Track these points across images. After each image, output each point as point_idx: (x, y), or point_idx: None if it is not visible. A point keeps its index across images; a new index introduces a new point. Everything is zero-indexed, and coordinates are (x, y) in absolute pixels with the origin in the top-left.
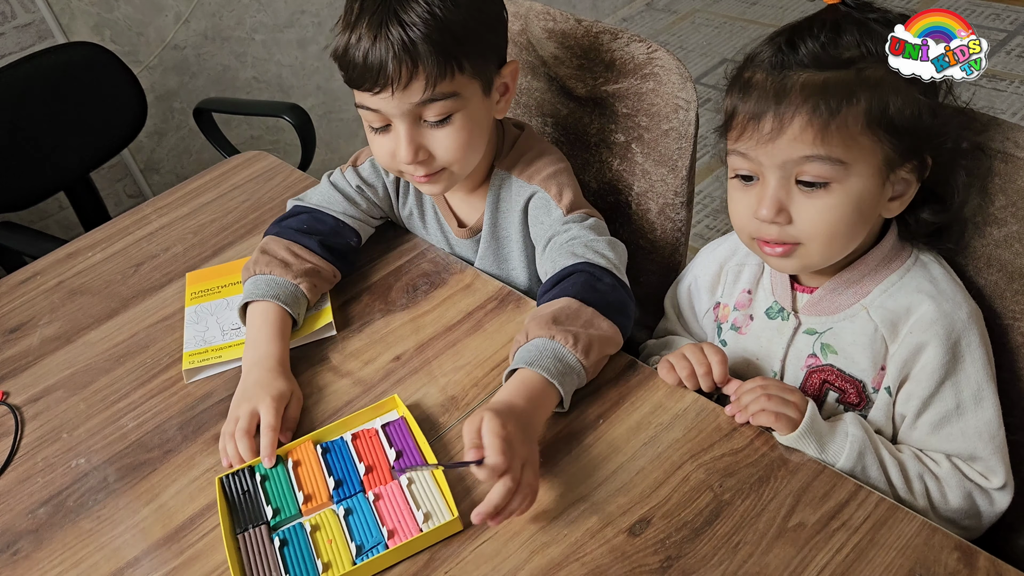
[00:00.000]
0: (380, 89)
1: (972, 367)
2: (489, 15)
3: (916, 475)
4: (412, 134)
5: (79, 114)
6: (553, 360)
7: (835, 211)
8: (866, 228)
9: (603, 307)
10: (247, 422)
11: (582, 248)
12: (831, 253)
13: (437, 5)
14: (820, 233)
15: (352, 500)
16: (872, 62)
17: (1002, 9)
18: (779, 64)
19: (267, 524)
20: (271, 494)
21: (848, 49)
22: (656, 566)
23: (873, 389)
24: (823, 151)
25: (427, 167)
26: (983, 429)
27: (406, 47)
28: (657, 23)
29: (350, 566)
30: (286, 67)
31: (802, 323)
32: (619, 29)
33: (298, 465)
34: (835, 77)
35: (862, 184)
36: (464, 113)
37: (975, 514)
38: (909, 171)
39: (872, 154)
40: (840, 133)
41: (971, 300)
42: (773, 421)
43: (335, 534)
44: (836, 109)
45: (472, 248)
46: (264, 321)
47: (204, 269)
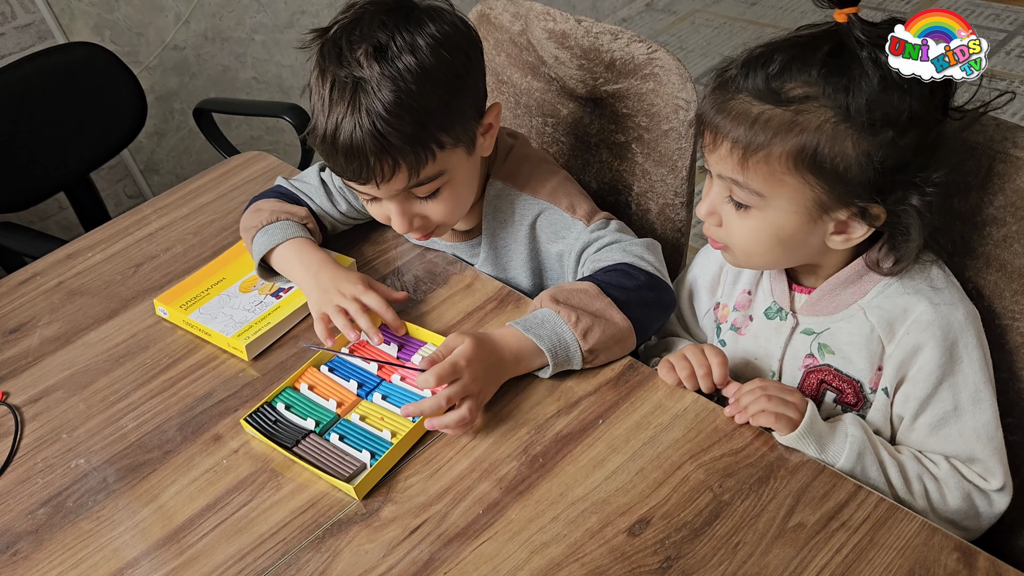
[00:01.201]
0: (365, 183)
1: (970, 368)
2: (460, 72)
3: (915, 476)
4: (403, 209)
5: (79, 114)
6: (550, 331)
7: (753, 233)
8: (799, 252)
9: (623, 301)
10: (357, 305)
11: (619, 252)
12: (756, 265)
13: (404, 90)
14: (739, 247)
15: (381, 387)
16: (817, 106)
17: (1002, 9)
18: (730, 82)
19: (314, 433)
20: (302, 415)
21: (799, 87)
22: (656, 566)
23: (871, 389)
24: (742, 178)
25: (424, 230)
26: (981, 431)
27: (382, 144)
28: (657, 23)
29: (412, 424)
30: (286, 67)
31: (800, 323)
32: (619, 29)
33: (313, 387)
34: (767, 113)
35: (783, 218)
36: (452, 182)
37: (974, 515)
38: (849, 216)
39: (798, 193)
40: (760, 167)
41: (968, 302)
42: (773, 421)
43: (383, 413)
44: (759, 144)
45: (462, 251)
46: (298, 248)
47: (171, 290)
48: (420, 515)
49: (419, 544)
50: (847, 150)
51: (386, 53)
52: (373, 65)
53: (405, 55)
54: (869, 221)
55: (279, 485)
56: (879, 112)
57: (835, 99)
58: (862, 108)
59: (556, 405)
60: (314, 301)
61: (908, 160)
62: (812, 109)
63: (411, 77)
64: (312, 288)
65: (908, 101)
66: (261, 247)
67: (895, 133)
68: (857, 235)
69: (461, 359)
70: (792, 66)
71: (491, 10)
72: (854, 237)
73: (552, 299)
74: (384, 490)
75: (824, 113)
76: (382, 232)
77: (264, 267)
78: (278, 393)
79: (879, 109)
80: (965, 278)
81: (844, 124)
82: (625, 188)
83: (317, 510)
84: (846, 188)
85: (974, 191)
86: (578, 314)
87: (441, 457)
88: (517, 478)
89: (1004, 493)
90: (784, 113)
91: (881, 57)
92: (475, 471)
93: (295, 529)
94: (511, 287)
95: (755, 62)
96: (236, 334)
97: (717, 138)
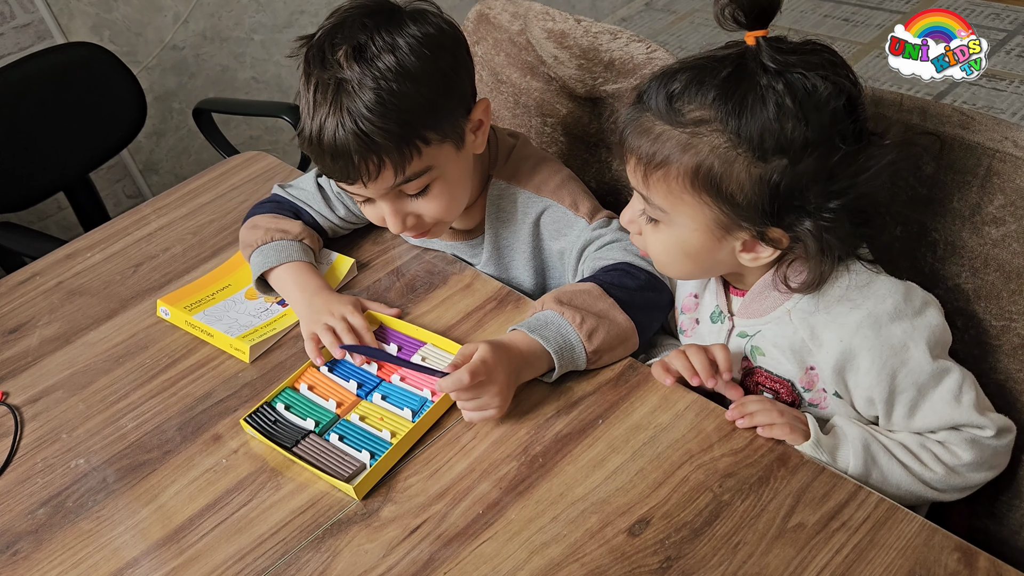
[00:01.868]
0: (353, 182)
1: (918, 350)
2: (444, 70)
3: (919, 446)
4: (396, 208)
5: (78, 114)
6: (555, 333)
7: (662, 245)
8: (712, 266)
9: (625, 302)
10: (343, 324)
11: (620, 251)
12: (674, 275)
13: (385, 89)
14: (654, 257)
15: (380, 388)
16: (711, 129)
17: (1002, 9)
18: (641, 98)
19: (314, 433)
20: (302, 415)
21: (696, 109)
22: (656, 566)
23: (804, 388)
24: (646, 193)
25: (418, 228)
26: (948, 398)
27: (366, 143)
28: (656, 23)
29: (412, 424)
30: (285, 67)
31: (736, 326)
32: (618, 29)
33: (312, 388)
34: (667, 133)
35: (687, 235)
36: (442, 178)
37: (991, 454)
38: (751, 236)
39: (697, 212)
40: (660, 185)
41: (895, 284)
42: (788, 434)
43: (383, 413)
44: (658, 163)
45: (463, 251)
46: (295, 273)
47: (175, 292)
48: (420, 515)
49: (419, 544)
50: (740, 174)
51: (365, 53)
52: (353, 66)
53: (385, 55)
54: (771, 243)
55: (279, 485)
56: (771, 140)
57: (727, 124)
58: (754, 135)
59: (556, 405)
60: (305, 321)
61: (803, 186)
62: (706, 132)
63: (392, 76)
64: (304, 309)
65: (802, 129)
66: (257, 267)
67: (788, 160)
68: (765, 255)
69: (488, 356)
70: (692, 87)
71: (490, 10)
72: (762, 257)
73: (556, 301)
74: (384, 490)
75: (717, 137)
76: (382, 232)
77: (261, 282)
78: (278, 393)
79: (771, 137)
80: (963, 278)
81: (736, 149)
82: (625, 188)
83: (317, 510)
84: (741, 211)
85: (974, 191)
86: (583, 315)
87: (441, 457)
88: (517, 478)
89: (1006, 432)
90: (681, 134)
91: (781, 84)
92: (475, 471)
93: (295, 529)
94: (512, 287)
95: (661, 80)
96: (240, 336)
97: (627, 152)
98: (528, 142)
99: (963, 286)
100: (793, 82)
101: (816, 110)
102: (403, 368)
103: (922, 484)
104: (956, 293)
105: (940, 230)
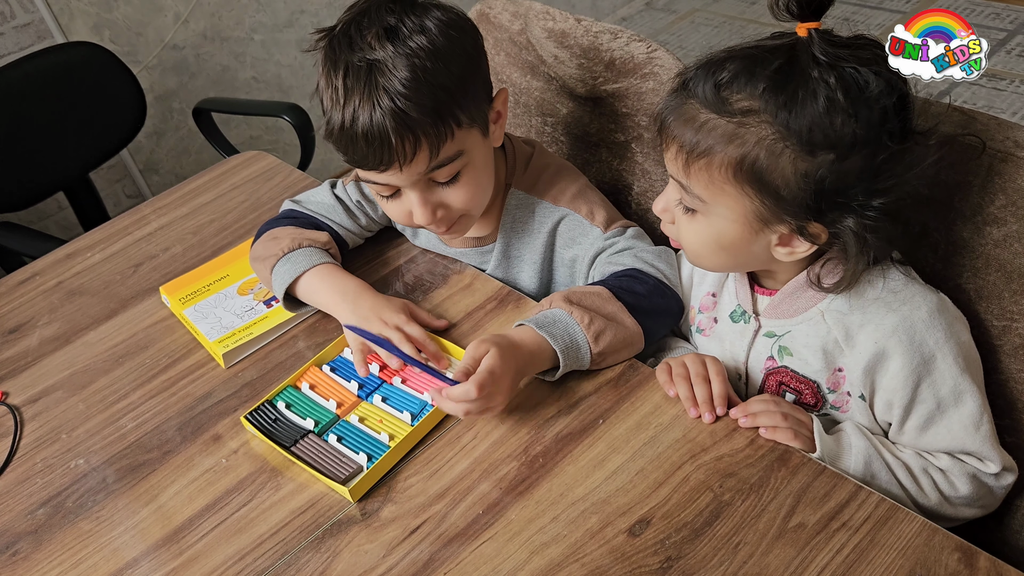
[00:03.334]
0: (387, 168)
1: (944, 363)
2: (470, 52)
3: (921, 470)
4: (425, 198)
5: (78, 114)
6: (563, 331)
7: (696, 236)
8: (746, 259)
9: (634, 306)
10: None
11: (631, 258)
12: (705, 266)
13: (419, 67)
14: (687, 247)
15: (381, 389)
16: (759, 120)
17: (1002, 9)
18: (686, 86)
19: (313, 433)
20: (302, 414)
21: (745, 99)
22: (656, 567)
23: (829, 389)
24: (685, 182)
25: (446, 221)
26: (967, 423)
27: (403, 121)
28: (657, 23)
29: (410, 428)
30: (285, 67)
31: (762, 326)
32: (619, 28)
33: (314, 387)
34: (712, 122)
35: (724, 226)
36: (471, 166)
37: (986, 493)
38: (790, 231)
39: (737, 203)
40: (702, 174)
41: (933, 294)
42: (792, 438)
43: (382, 415)
44: (701, 152)
45: (471, 258)
46: (329, 275)
47: (177, 279)
48: (420, 515)
49: (419, 544)
50: (785, 168)
51: (398, 34)
52: (386, 46)
53: (416, 35)
54: (809, 238)
55: (279, 485)
56: (820, 134)
57: (777, 116)
58: (803, 129)
59: (556, 405)
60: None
61: (848, 183)
62: (754, 123)
63: (424, 55)
64: (350, 316)
65: (852, 125)
66: (285, 276)
67: (836, 156)
68: (801, 250)
69: (496, 366)
70: (741, 77)
71: (490, 9)
72: (798, 251)
73: (565, 300)
74: (384, 490)
75: (765, 129)
76: (382, 232)
77: (287, 299)
78: (279, 391)
79: (820, 131)
80: (964, 278)
81: (784, 142)
82: (625, 188)
83: (317, 510)
84: (783, 204)
85: (975, 191)
86: (591, 316)
87: (441, 457)
88: (517, 478)
89: (1008, 472)
90: (727, 124)
91: (832, 78)
92: (475, 471)
93: (295, 529)
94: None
95: (708, 68)
96: (217, 340)
97: (667, 140)
98: (545, 150)
99: (964, 286)
100: (845, 76)
101: (867, 107)
102: (408, 367)
103: (914, 506)
104: (957, 293)
105: (941, 230)
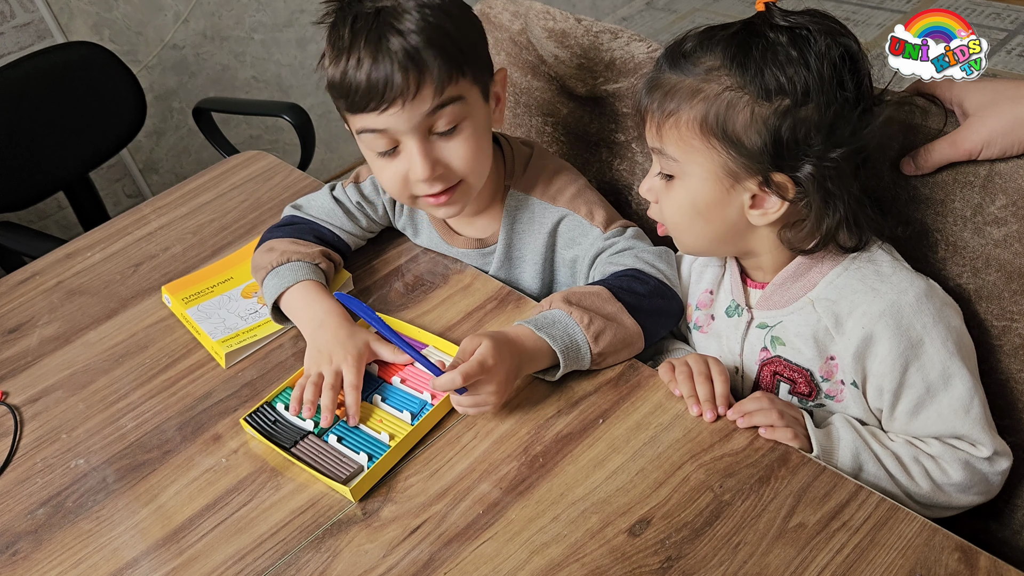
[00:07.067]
0: (388, 105)
1: (932, 347)
2: (475, 22)
3: (911, 459)
4: (425, 148)
5: (78, 114)
6: (562, 332)
7: (675, 204)
8: (723, 227)
9: (634, 307)
10: (333, 378)
11: (632, 259)
12: (688, 243)
13: (429, 16)
14: (668, 221)
15: (380, 389)
16: (720, 75)
17: (1002, 9)
18: (656, 67)
19: (312, 434)
20: (301, 415)
21: (707, 59)
22: (656, 566)
23: (822, 378)
24: (659, 144)
25: (444, 181)
26: (957, 406)
27: (410, 55)
28: (657, 22)
29: (410, 428)
30: (285, 67)
31: (755, 318)
32: (619, 28)
33: None
34: (678, 84)
35: (698, 185)
36: (471, 120)
37: (981, 480)
38: (759, 186)
39: (706, 159)
40: (672, 132)
41: (919, 279)
42: (791, 439)
43: (382, 415)
44: (670, 111)
45: (473, 260)
46: (306, 293)
47: (180, 279)
48: (420, 515)
49: (419, 544)
50: (745, 116)
51: None
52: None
53: None
54: (776, 191)
55: (279, 485)
56: (773, 81)
57: (732, 68)
58: (758, 76)
59: (556, 405)
60: (307, 359)
61: (804, 132)
62: (715, 78)
63: (433, 9)
64: (310, 345)
65: (803, 73)
66: (272, 291)
67: (791, 103)
68: (773, 210)
69: (488, 358)
70: (704, 44)
71: (490, 9)
72: (771, 212)
73: (564, 300)
74: (384, 490)
75: (726, 80)
76: (383, 232)
77: (277, 312)
78: (278, 393)
79: (773, 78)
80: (964, 278)
81: (743, 91)
82: (625, 188)
83: (317, 510)
84: (747, 153)
85: (975, 191)
86: (591, 316)
87: (441, 457)
88: (517, 478)
89: (1001, 456)
90: (692, 81)
91: (784, 37)
92: (475, 471)
93: (295, 529)
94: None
95: (672, 46)
96: (220, 340)
97: (644, 115)
98: (544, 151)
99: (964, 286)
100: (796, 34)
101: (817, 58)
102: (403, 360)
103: (907, 497)
104: (957, 293)
105: (941, 230)
